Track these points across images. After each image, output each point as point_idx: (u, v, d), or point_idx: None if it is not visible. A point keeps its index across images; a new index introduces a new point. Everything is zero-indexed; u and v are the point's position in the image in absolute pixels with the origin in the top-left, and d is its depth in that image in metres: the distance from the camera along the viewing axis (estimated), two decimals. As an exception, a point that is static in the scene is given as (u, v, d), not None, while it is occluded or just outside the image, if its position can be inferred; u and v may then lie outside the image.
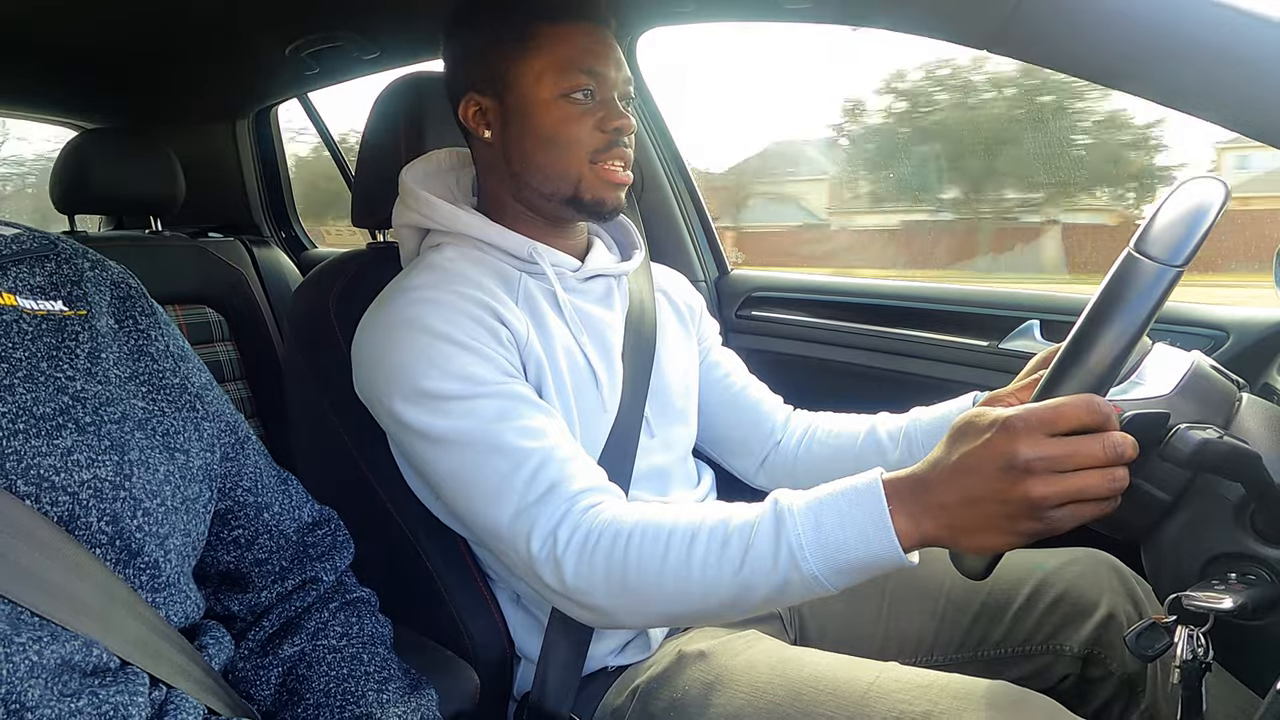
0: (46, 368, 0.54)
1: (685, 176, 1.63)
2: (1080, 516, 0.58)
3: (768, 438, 1.08)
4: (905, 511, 0.63)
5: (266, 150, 2.30)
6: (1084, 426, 0.57)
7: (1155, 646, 0.60)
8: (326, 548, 0.75)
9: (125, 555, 0.55)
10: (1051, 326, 1.19)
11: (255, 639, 0.69)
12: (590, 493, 0.75)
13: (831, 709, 0.74)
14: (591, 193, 0.88)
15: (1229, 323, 1.07)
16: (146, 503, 0.55)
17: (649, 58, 1.52)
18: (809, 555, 0.64)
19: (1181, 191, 0.60)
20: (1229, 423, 0.64)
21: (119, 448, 0.55)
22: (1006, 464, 0.57)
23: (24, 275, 0.58)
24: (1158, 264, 0.58)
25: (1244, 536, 0.59)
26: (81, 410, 0.54)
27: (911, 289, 1.42)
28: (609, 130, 0.86)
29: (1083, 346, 0.60)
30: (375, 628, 0.73)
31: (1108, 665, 0.90)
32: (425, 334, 0.79)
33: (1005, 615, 0.94)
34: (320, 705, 0.65)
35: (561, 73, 0.85)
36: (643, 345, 0.96)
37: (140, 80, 1.92)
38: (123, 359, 0.60)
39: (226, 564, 0.69)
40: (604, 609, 0.72)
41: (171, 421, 0.61)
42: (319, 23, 1.54)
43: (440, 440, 0.78)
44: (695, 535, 0.69)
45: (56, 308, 0.58)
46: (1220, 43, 0.68)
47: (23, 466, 0.51)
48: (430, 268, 0.87)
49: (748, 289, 1.60)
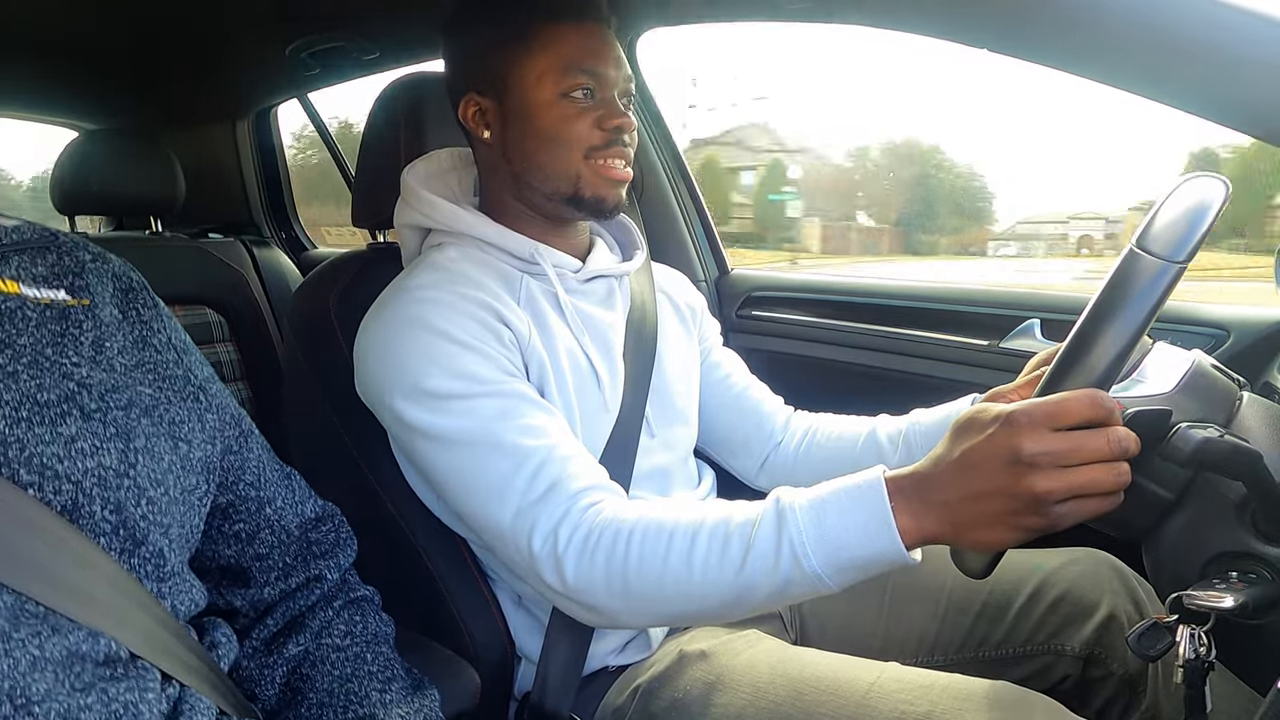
0: (51, 354, 0.54)
1: (685, 176, 1.63)
2: (1084, 512, 0.57)
3: (768, 439, 1.08)
4: (908, 509, 0.62)
5: (266, 151, 2.30)
6: (1088, 421, 0.57)
7: (1157, 647, 0.60)
8: (330, 545, 0.74)
9: (130, 544, 0.54)
10: (1052, 326, 1.19)
11: (259, 637, 0.69)
12: (591, 491, 0.75)
13: (833, 709, 0.74)
14: (592, 190, 0.88)
15: (1229, 321, 1.07)
16: (151, 491, 0.55)
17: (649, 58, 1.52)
18: (811, 553, 0.64)
19: (1182, 189, 0.60)
20: (1230, 421, 0.64)
21: (124, 435, 0.54)
22: (1011, 459, 0.57)
23: (26, 264, 0.58)
24: (1160, 260, 0.58)
25: (1245, 535, 0.59)
26: (87, 396, 0.54)
27: (912, 289, 1.42)
28: (608, 128, 0.86)
29: (1086, 342, 0.60)
30: (378, 627, 0.72)
31: (1109, 665, 0.90)
32: (427, 333, 0.79)
33: (1006, 615, 0.94)
34: (324, 705, 0.64)
35: (561, 73, 0.85)
36: (644, 345, 0.96)
37: (140, 81, 1.92)
38: (128, 348, 0.59)
39: (227, 558, 0.69)
40: (605, 608, 0.72)
41: (177, 411, 0.60)
42: (319, 23, 1.54)
43: (441, 439, 0.78)
44: (697, 534, 0.69)
45: (60, 296, 0.57)
46: (1220, 42, 0.68)
47: (25, 455, 0.50)
48: (432, 267, 0.87)
49: (748, 289, 1.60)
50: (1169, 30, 0.71)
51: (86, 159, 1.72)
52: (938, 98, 2.82)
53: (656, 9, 1.35)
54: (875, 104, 3.68)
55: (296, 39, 1.61)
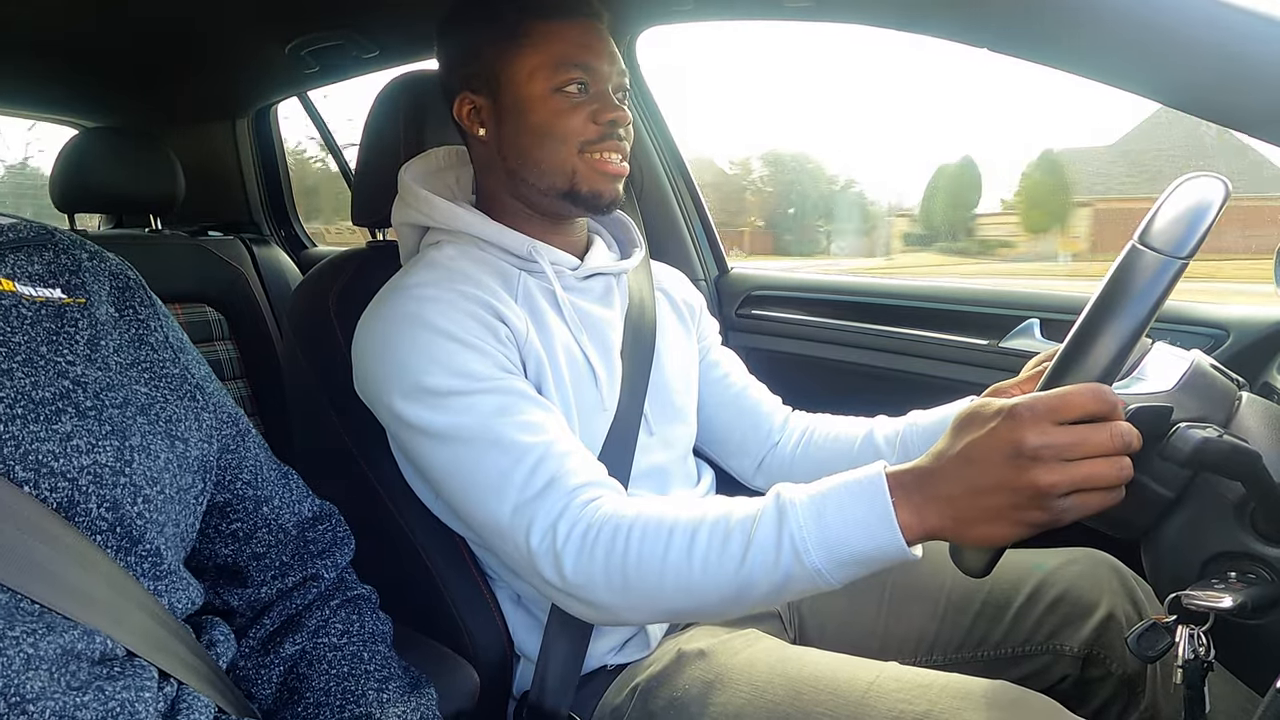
0: (46, 352, 0.54)
1: (685, 175, 1.62)
2: (1086, 507, 0.57)
3: (765, 439, 1.08)
4: (909, 503, 0.62)
5: (266, 149, 2.30)
6: (1091, 415, 0.57)
7: (1156, 647, 0.60)
8: (327, 544, 0.74)
9: (126, 543, 0.54)
10: (1052, 325, 1.19)
11: (256, 636, 0.69)
12: (589, 487, 0.75)
13: (831, 708, 0.74)
14: (587, 185, 0.88)
15: (1229, 322, 1.07)
16: (147, 489, 0.55)
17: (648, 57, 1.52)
18: (811, 549, 0.64)
19: (1184, 187, 0.60)
20: (1229, 421, 0.64)
21: (120, 433, 0.54)
22: (1013, 452, 0.57)
23: (21, 262, 0.58)
24: (1162, 256, 0.58)
25: (1244, 535, 0.59)
26: (82, 394, 0.54)
27: (911, 288, 1.42)
28: (602, 122, 0.86)
29: (1088, 337, 0.60)
30: (376, 625, 0.72)
31: (1107, 665, 0.90)
32: (425, 330, 0.79)
33: (1005, 615, 0.94)
34: (320, 704, 0.64)
35: (553, 68, 0.85)
36: (642, 343, 0.96)
37: (140, 79, 1.92)
38: (123, 346, 0.59)
39: (224, 557, 0.69)
40: (604, 604, 0.72)
41: (174, 409, 0.60)
42: (318, 21, 1.54)
43: (440, 436, 0.77)
44: (697, 530, 0.69)
45: (55, 295, 0.57)
46: (1220, 41, 0.68)
47: (20, 452, 0.50)
48: (430, 265, 0.87)
49: (747, 288, 1.60)
50: (1168, 29, 0.71)
51: (86, 157, 1.72)
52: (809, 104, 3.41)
53: (655, 7, 1.34)
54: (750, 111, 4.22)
55: (296, 37, 1.60)
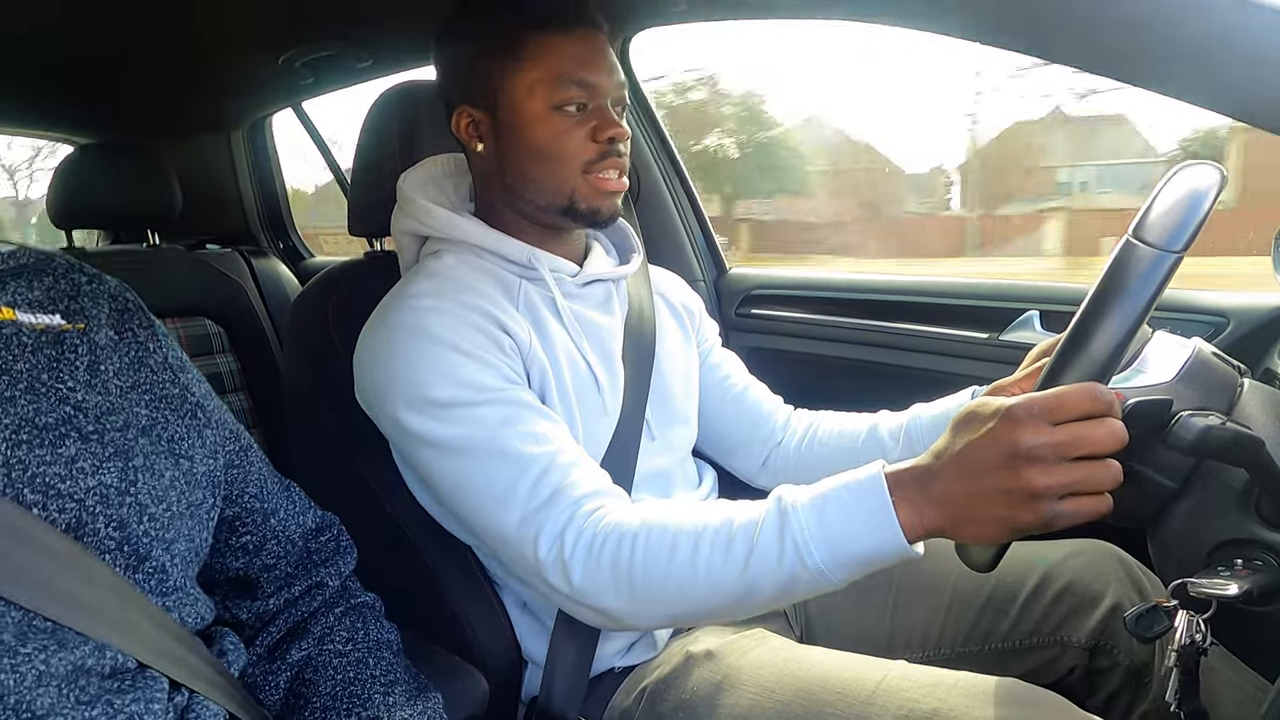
0: (47, 379, 0.55)
1: (681, 176, 1.62)
2: (1079, 513, 0.57)
3: (768, 438, 1.08)
4: (908, 502, 0.62)
5: (262, 161, 2.30)
6: (1087, 414, 0.57)
7: (1154, 628, 0.60)
8: (330, 553, 0.75)
9: (134, 560, 0.55)
10: (1051, 317, 1.19)
11: (263, 644, 0.70)
12: (594, 496, 0.75)
13: (840, 707, 0.74)
14: (587, 203, 0.88)
15: (1229, 308, 1.07)
16: (152, 508, 0.56)
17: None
18: (814, 549, 0.64)
19: (1177, 178, 0.59)
20: (1231, 409, 0.64)
21: (123, 454, 0.55)
22: (1010, 452, 0.57)
23: (22, 290, 0.58)
24: (1156, 250, 0.57)
25: (1249, 522, 0.59)
26: (84, 419, 0.55)
27: (910, 283, 1.42)
28: (602, 140, 0.86)
29: (1084, 334, 0.60)
30: (380, 633, 0.73)
31: (1115, 656, 0.90)
32: (428, 341, 0.79)
33: (1011, 608, 0.94)
34: (327, 709, 0.65)
35: (552, 85, 0.85)
36: (642, 348, 0.96)
37: (134, 94, 1.92)
38: (123, 370, 0.60)
39: (236, 570, 0.70)
40: (612, 611, 0.72)
41: (175, 428, 0.61)
42: (312, 32, 1.54)
43: (445, 447, 0.78)
44: (700, 535, 0.69)
45: (55, 321, 0.58)
46: (1220, 32, 0.68)
47: (28, 475, 0.51)
48: (431, 275, 0.87)
49: (746, 287, 1.60)
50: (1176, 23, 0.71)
51: (82, 174, 1.72)
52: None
53: (649, 9, 1.34)
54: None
55: (289, 48, 1.60)
